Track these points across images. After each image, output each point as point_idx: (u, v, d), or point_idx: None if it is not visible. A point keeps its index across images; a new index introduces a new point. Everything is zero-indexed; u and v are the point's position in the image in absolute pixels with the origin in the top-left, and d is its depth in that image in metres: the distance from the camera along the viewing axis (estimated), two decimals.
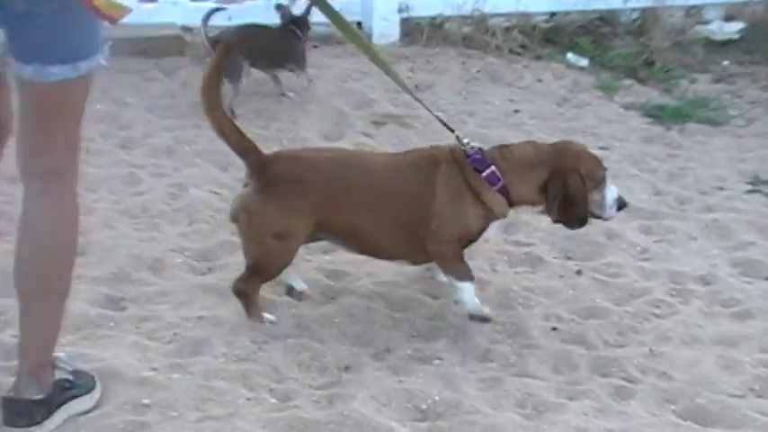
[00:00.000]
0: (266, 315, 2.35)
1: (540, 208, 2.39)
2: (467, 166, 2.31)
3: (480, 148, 2.35)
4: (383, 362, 2.25)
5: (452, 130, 2.40)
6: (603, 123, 3.99)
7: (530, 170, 2.33)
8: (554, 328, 2.44)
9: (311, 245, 2.51)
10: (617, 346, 2.38)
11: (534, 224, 2.91)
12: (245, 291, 2.32)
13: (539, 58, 4.59)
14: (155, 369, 2.13)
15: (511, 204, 2.35)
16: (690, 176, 3.51)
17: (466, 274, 2.36)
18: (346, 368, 2.20)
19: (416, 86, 3.96)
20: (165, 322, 2.34)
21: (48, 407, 1.90)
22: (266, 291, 2.42)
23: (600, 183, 2.33)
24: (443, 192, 2.31)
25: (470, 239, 2.38)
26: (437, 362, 2.25)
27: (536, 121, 3.92)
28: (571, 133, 3.65)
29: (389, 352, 2.29)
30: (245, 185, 2.33)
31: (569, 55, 4.63)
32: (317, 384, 2.15)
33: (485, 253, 2.75)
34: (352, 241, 2.39)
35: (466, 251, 2.39)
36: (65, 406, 1.93)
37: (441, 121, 2.46)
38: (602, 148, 3.56)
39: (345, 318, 2.40)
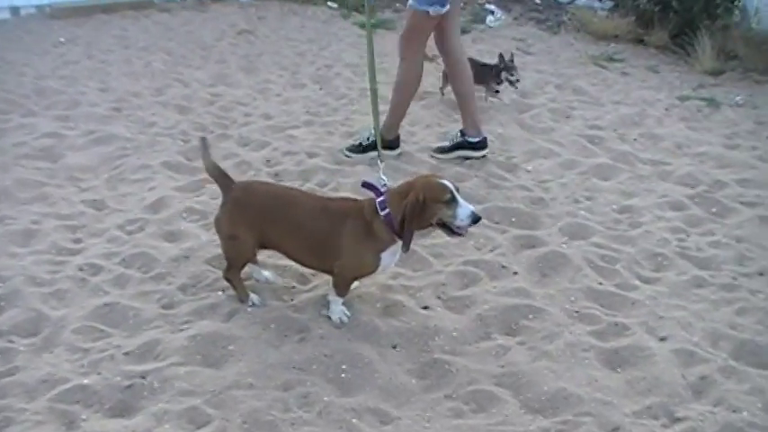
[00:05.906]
0: (252, 296, 3.20)
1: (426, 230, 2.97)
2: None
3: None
4: None
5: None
6: None
7: (399, 200, 2.90)
8: None
9: None
10: None
11: None
12: (228, 277, 3.20)
13: None
14: None
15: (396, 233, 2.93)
16: None
17: (343, 295, 3.12)
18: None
19: None
20: None
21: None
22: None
23: (449, 203, 2.86)
24: (346, 241, 2.98)
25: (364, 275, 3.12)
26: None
27: None
28: None
29: None
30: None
31: None
32: None
33: None
34: (283, 252, 3.19)
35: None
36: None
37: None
38: None
39: None
